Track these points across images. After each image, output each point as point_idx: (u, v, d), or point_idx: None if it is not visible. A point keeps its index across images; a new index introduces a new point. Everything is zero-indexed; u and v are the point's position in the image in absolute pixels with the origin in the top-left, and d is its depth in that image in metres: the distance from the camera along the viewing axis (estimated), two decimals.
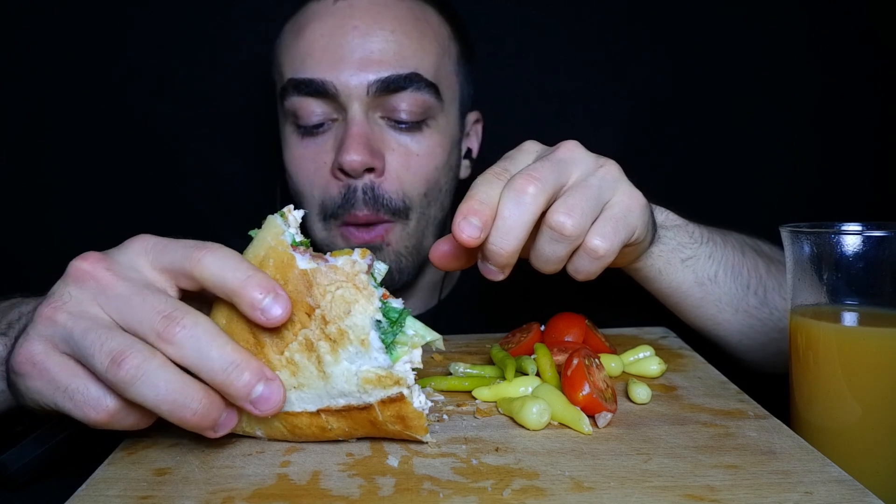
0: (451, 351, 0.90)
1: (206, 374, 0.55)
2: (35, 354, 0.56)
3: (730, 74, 1.49)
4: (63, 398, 0.56)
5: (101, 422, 0.56)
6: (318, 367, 0.57)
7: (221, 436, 0.58)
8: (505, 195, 0.63)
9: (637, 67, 1.49)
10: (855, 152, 1.52)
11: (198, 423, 0.55)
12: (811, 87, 1.50)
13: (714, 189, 1.52)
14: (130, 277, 0.57)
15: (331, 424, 0.59)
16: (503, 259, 0.64)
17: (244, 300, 0.55)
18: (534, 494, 0.52)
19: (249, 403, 0.56)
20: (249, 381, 0.55)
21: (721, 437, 0.62)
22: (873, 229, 0.64)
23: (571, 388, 0.66)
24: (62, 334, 0.56)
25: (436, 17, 1.11)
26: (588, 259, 0.67)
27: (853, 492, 0.51)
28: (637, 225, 0.70)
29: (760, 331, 0.90)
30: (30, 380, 0.57)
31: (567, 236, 0.64)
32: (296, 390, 0.58)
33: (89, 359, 0.54)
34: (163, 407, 0.54)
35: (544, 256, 0.66)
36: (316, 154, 1.06)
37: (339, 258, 0.58)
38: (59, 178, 1.48)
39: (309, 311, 0.57)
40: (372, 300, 0.57)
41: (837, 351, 0.64)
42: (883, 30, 1.47)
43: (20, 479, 0.75)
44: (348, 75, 1.00)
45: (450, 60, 1.11)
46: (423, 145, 1.06)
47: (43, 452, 0.76)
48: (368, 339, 0.57)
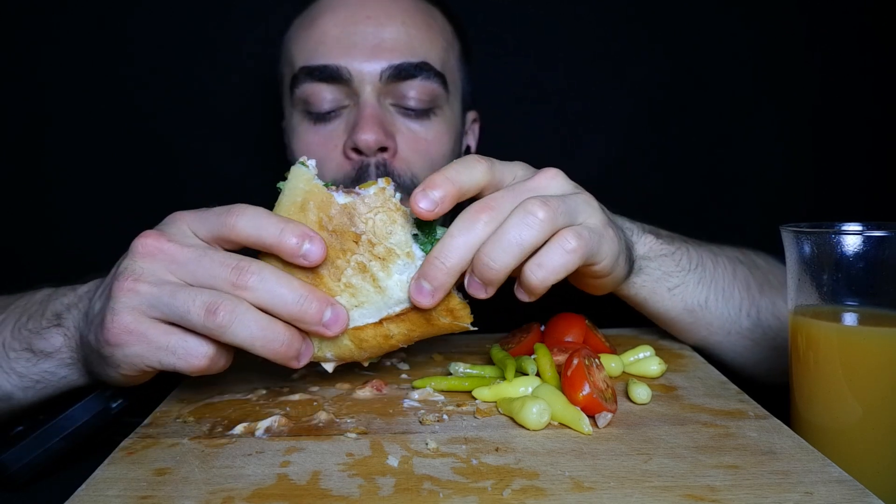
0: (451, 351, 0.90)
1: (282, 308, 0.63)
2: (129, 324, 0.63)
3: (728, 74, 1.49)
4: (166, 354, 0.63)
5: (203, 367, 0.64)
6: (373, 284, 0.65)
7: (302, 366, 0.66)
8: (515, 214, 0.62)
9: (635, 67, 1.48)
10: (854, 152, 1.52)
11: (285, 352, 0.63)
12: (810, 86, 1.50)
13: (713, 189, 1.52)
14: (190, 244, 0.65)
15: (391, 331, 0.67)
16: (493, 276, 0.62)
17: (284, 250, 0.63)
18: (534, 494, 0.52)
19: (322, 326, 0.64)
20: (319, 307, 0.63)
21: (721, 437, 0.62)
22: (873, 229, 0.64)
23: (571, 388, 0.66)
24: (149, 301, 0.63)
25: (440, 15, 1.15)
26: (559, 252, 0.62)
27: (853, 492, 0.51)
28: (605, 254, 0.68)
29: (755, 350, 0.90)
30: (129, 347, 0.64)
31: (540, 220, 0.61)
32: (357, 308, 0.66)
33: (185, 315, 0.62)
34: (256, 343, 0.62)
35: (506, 240, 0.61)
36: (327, 139, 1.07)
37: (370, 188, 0.66)
38: (60, 177, 1.48)
39: (356, 238, 0.65)
40: (408, 218, 0.66)
41: (837, 351, 0.64)
42: (882, 29, 1.47)
43: (20, 479, 0.75)
44: (361, 61, 1.03)
45: (454, 56, 1.14)
46: (431, 131, 1.08)
47: (43, 452, 0.76)
48: (412, 251, 0.65)
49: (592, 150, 1.47)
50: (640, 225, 0.85)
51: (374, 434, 0.64)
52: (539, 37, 1.48)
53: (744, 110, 1.51)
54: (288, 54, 1.12)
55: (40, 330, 0.77)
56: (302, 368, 0.82)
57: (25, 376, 0.77)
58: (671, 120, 1.50)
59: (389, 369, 0.83)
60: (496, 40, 1.46)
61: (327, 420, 0.68)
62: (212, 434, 0.66)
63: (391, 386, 0.77)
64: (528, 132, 1.48)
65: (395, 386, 0.77)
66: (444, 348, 0.91)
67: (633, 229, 0.83)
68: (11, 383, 0.78)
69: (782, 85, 1.50)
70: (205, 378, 0.81)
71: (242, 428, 0.66)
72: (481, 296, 0.65)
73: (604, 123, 1.49)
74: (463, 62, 1.18)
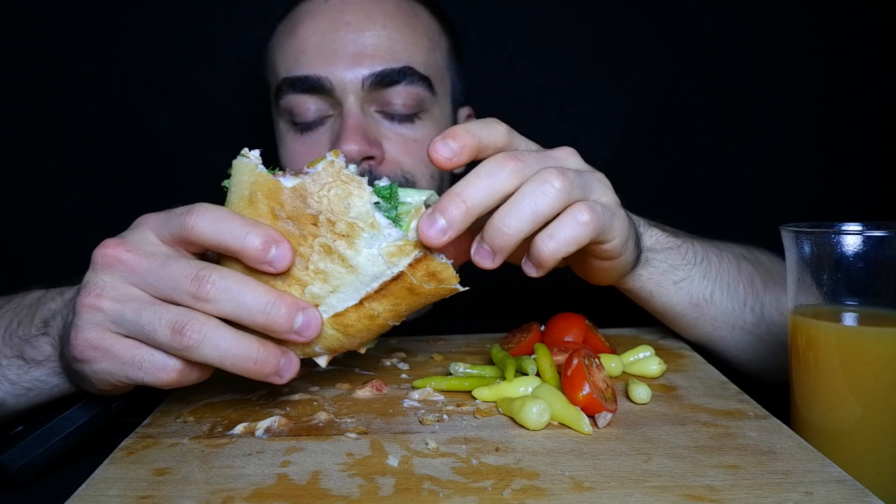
0: (451, 351, 0.90)
1: (248, 318, 0.59)
2: (92, 340, 0.61)
3: (729, 74, 1.49)
4: (133, 370, 0.62)
5: (172, 381, 0.61)
6: (343, 265, 0.61)
7: (288, 380, 0.62)
8: (532, 181, 0.60)
9: (635, 68, 1.48)
10: (855, 152, 1.51)
11: (260, 370, 0.60)
12: (810, 86, 1.50)
13: (713, 189, 1.52)
14: (150, 252, 0.62)
15: (375, 309, 0.63)
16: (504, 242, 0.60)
17: (249, 256, 0.59)
18: (534, 494, 0.52)
19: (294, 334, 0.60)
20: (288, 313, 0.60)
21: (721, 437, 0.62)
22: (873, 229, 0.64)
23: (571, 388, 0.66)
24: (112, 318, 0.61)
25: (425, 13, 1.13)
26: (572, 223, 0.61)
27: (853, 492, 0.51)
28: (617, 232, 0.67)
29: (758, 346, 0.90)
30: (96, 363, 0.62)
31: (557, 189, 0.60)
32: (333, 294, 0.62)
33: (151, 334, 0.60)
34: (226, 362, 0.60)
35: (521, 206, 0.60)
36: (312, 148, 1.07)
37: (318, 165, 0.61)
38: (58, 177, 1.48)
39: (314, 220, 0.60)
40: (363, 186, 0.60)
41: (837, 351, 0.64)
42: (883, 29, 1.47)
43: (20, 479, 0.75)
44: (342, 70, 1.02)
45: (441, 55, 1.13)
46: (418, 133, 1.07)
47: (43, 452, 0.76)
48: (376, 221, 0.60)
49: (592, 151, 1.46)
50: (646, 220, 0.85)
51: (374, 434, 0.64)
52: (539, 37, 1.48)
53: (744, 110, 1.51)
54: (271, 63, 1.12)
55: (30, 337, 0.76)
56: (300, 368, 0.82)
57: (17, 384, 0.77)
58: (671, 120, 1.50)
59: (389, 369, 0.83)
60: (496, 41, 1.46)
61: (327, 420, 0.68)
62: (212, 434, 0.66)
63: (391, 386, 0.77)
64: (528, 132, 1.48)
65: (395, 386, 0.77)
66: (444, 348, 0.91)
67: (640, 221, 0.83)
68: (3, 390, 0.77)
69: (782, 85, 1.50)
70: None
71: (242, 428, 0.66)
72: (487, 264, 0.62)
73: (604, 123, 1.49)
74: (452, 59, 1.16)
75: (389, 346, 0.93)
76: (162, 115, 1.47)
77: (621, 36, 1.48)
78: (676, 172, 1.50)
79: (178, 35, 1.45)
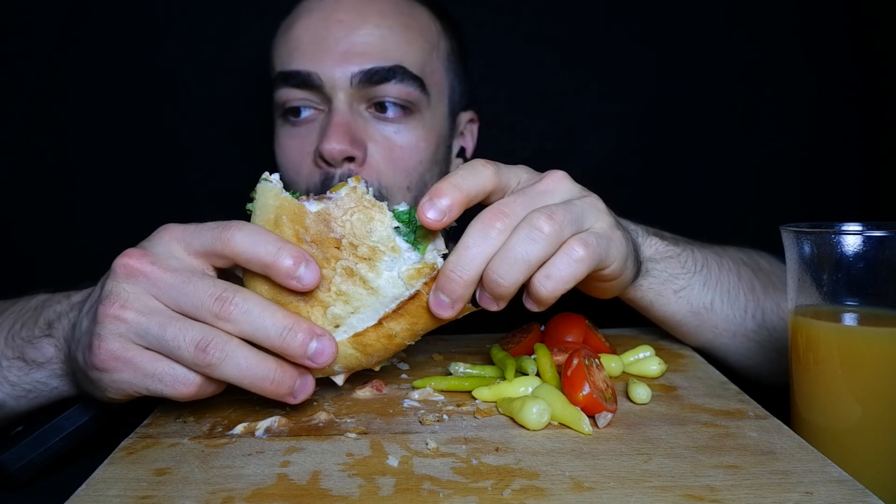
0: (452, 351, 0.90)
1: (265, 341, 0.61)
2: (115, 351, 0.62)
3: (728, 74, 1.49)
4: (153, 382, 0.63)
5: (191, 394, 0.63)
6: (365, 287, 0.64)
7: (301, 401, 0.65)
8: (521, 229, 0.62)
9: (635, 68, 1.48)
10: (854, 152, 1.51)
11: (275, 390, 0.62)
12: (810, 86, 1.49)
13: (713, 189, 1.52)
14: (174, 267, 0.63)
15: (394, 329, 0.65)
16: (502, 291, 0.62)
17: (279, 271, 0.61)
18: (534, 494, 0.52)
19: (308, 360, 0.62)
20: (303, 339, 0.61)
21: (721, 437, 0.62)
22: (873, 229, 0.64)
23: (571, 388, 0.66)
24: (137, 331, 0.62)
25: (424, 13, 1.12)
26: (567, 261, 0.62)
27: (853, 492, 0.51)
28: (614, 257, 0.68)
29: (759, 352, 0.90)
30: (116, 373, 0.63)
31: (546, 234, 0.61)
32: (354, 315, 0.65)
33: (175, 350, 0.61)
34: (245, 381, 0.62)
35: (512, 256, 0.61)
36: (301, 143, 1.07)
37: (341, 190, 0.64)
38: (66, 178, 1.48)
39: (337, 244, 0.63)
40: (384, 211, 0.64)
41: (837, 351, 0.64)
42: (882, 29, 1.47)
43: (20, 479, 0.75)
44: (332, 66, 1.02)
45: (438, 56, 1.11)
46: (406, 138, 1.06)
47: (43, 452, 0.76)
48: (397, 245, 0.64)
49: (592, 151, 1.47)
50: (645, 227, 0.85)
51: (374, 434, 0.64)
52: (539, 37, 1.48)
53: (744, 111, 1.51)
54: (271, 58, 1.12)
55: (32, 339, 0.76)
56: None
57: (18, 385, 0.77)
58: (671, 120, 1.50)
59: (389, 369, 0.83)
60: (496, 41, 1.46)
61: (327, 420, 0.68)
62: (212, 434, 0.66)
63: (391, 386, 0.77)
64: (528, 133, 1.48)
65: (395, 386, 0.77)
66: (444, 348, 0.91)
67: (638, 231, 0.82)
68: (3, 392, 0.78)
69: (782, 85, 1.50)
70: None
71: (242, 428, 0.66)
72: (493, 308, 0.65)
73: (603, 124, 1.49)
74: (452, 61, 1.14)
75: None
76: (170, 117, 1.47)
77: (621, 36, 1.48)
78: (676, 173, 1.50)
79: (186, 36, 1.45)
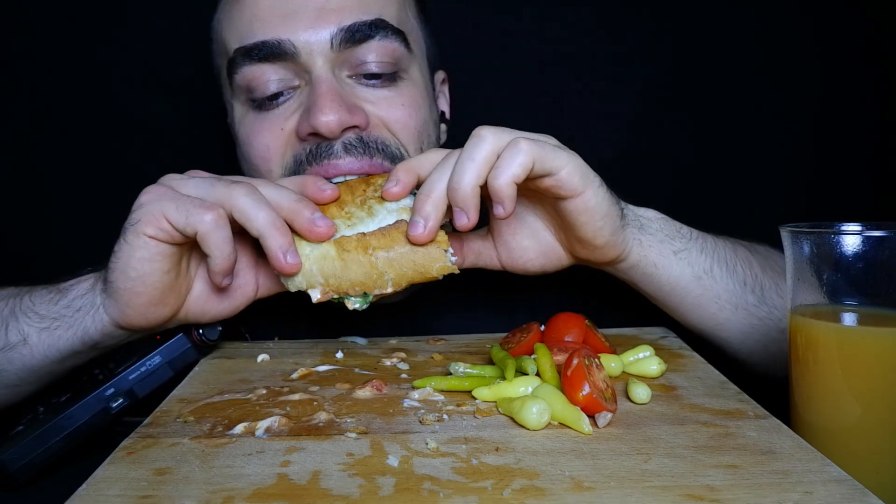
0: (451, 351, 0.90)
1: (282, 202, 0.75)
2: (151, 190, 0.76)
3: (728, 74, 1.49)
4: (180, 213, 0.72)
5: (211, 223, 0.72)
6: (367, 212, 0.78)
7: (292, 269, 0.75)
8: (466, 144, 0.73)
9: (636, 65, 1.48)
10: (855, 152, 1.51)
11: (280, 237, 0.73)
12: (810, 86, 1.49)
13: (713, 189, 1.52)
14: (194, 178, 0.77)
15: (372, 244, 0.75)
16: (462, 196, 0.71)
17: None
18: (534, 494, 0.52)
19: (311, 222, 0.74)
20: (311, 208, 0.76)
21: (721, 437, 0.62)
22: (873, 229, 0.64)
23: (571, 388, 0.66)
24: (166, 184, 0.77)
25: None
26: (511, 153, 0.70)
27: (853, 492, 0.51)
28: (566, 162, 0.73)
29: (761, 330, 0.90)
30: (150, 205, 0.74)
31: (486, 137, 0.72)
32: (349, 228, 0.77)
33: (209, 187, 0.75)
34: (260, 219, 0.73)
35: (461, 162, 0.71)
36: (274, 126, 0.92)
37: None
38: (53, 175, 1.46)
39: (366, 184, 0.81)
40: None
41: (837, 351, 0.64)
42: (884, 29, 1.47)
43: (20, 479, 0.75)
44: (306, 30, 0.88)
45: (410, 9, 1.01)
46: (404, 96, 0.94)
47: (43, 452, 0.76)
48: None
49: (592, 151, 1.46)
50: None
51: (374, 434, 0.64)
52: (539, 37, 1.48)
53: (744, 111, 1.50)
54: (220, 41, 0.97)
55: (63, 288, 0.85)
56: (302, 367, 0.82)
57: (46, 317, 0.83)
58: (671, 120, 1.50)
59: (389, 369, 0.83)
60: (496, 41, 1.46)
61: (327, 420, 0.68)
62: (212, 434, 0.66)
63: (391, 386, 0.77)
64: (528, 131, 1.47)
65: (395, 386, 0.77)
66: (444, 348, 0.91)
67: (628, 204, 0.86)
68: (29, 324, 0.83)
69: (782, 85, 1.50)
70: (205, 378, 0.81)
71: (242, 428, 0.66)
72: (464, 222, 0.72)
73: (603, 123, 1.49)
74: (420, 18, 1.03)
75: (389, 346, 0.93)
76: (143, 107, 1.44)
77: (621, 36, 1.48)
78: (675, 173, 1.50)
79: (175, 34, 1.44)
